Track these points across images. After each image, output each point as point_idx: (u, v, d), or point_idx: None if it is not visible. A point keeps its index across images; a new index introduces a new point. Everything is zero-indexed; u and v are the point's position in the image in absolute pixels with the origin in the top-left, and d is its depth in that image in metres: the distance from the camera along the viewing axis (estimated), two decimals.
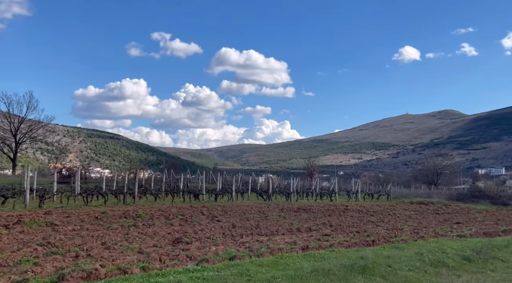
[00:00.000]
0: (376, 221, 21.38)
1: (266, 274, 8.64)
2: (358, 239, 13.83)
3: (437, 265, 11.56)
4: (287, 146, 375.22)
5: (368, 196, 41.07)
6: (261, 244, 12.32)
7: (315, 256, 10.63)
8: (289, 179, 42.93)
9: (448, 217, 26.24)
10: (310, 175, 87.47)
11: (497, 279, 10.71)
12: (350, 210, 27.54)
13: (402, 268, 10.53)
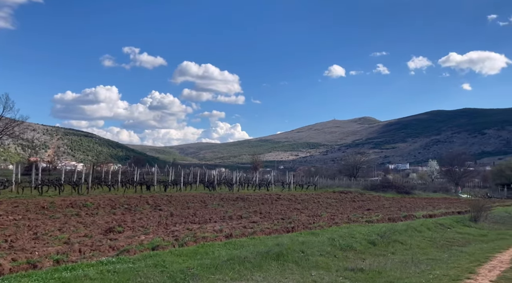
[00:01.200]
0: (301, 208, 20.56)
1: (182, 264, 7.42)
2: (280, 225, 12.81)
3: (346, 249, 10.72)
4: (238, 145, 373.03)
5: (299, 186, 40.53)
6: (190, 232, 11.06)
7: (236, 244, 9.49)
8: (239, 172, 41.80)
9: (361, 204, 25.86)
10: (255, 169, 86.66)
11: (396, 261, 9.99)
12: (281, 198, 26.66)
13: (314, 253, 9.59)
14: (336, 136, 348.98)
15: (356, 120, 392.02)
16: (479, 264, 9.25)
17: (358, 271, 8.44)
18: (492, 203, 31.83)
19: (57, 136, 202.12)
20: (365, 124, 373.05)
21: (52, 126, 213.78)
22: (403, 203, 29.20)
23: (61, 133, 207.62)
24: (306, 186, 40.82)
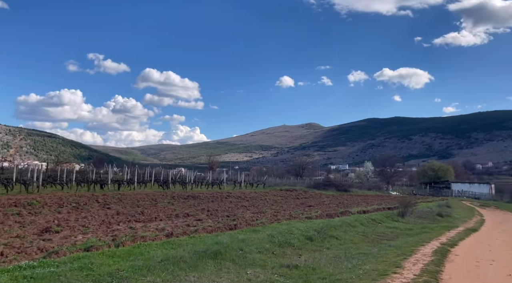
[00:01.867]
0: (248, 206, 19.85)
1: (112, 266, 6.45)
2: (224, 223, 12.02)
3: (284, 246, 10.13)
4: (196, 146, 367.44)
5: (250, 185, 39.90)
6: (132, 231, 10.03)
7: (174, 243, 8.60)
8: (195, 171, 40.52)
9: (304, 201, 25.61)
10: (211, 168, 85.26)
11: (331, 256, 9.52)
12: (231, 196, 25.85)
13: (252, 251, 8.89)
14: (286, 140, 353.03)
15: (303, 126, 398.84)
16: (405, 258, 8.97)
17: (293, 267, 7.85)
18: (417, 200, 32.87)
19: (20, 137, 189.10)
20: (311, 130, 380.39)
21: (15, 127, 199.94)
22: (341, 199, 29.32)
23: (24, 134, 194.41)
24: (256, 184, 40.27)
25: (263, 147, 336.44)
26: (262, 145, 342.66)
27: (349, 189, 44.06)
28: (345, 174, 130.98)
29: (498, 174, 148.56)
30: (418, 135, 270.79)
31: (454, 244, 11.42)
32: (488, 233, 14.83)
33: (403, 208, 18.56)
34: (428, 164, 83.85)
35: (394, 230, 14.83)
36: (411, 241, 11.95)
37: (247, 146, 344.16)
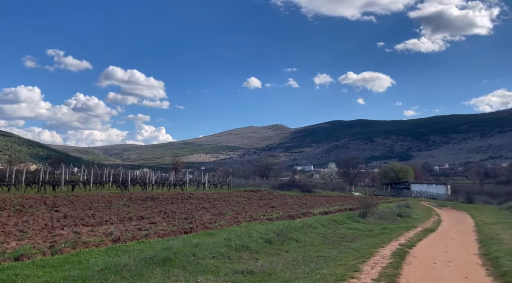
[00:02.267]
0: (208, 207, 19.23)
1: (41, 278, 5.71)
2: (179, 226, 11.39)
3: (241, 250, 9.65)
4: (162, 147, 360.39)
5: (213, 186, 39.20)
6: (76, 236, 9.20)
7: (120, 249, 7.91)
8: (157, 172, 39.22)
9: (267, 202, 25.29)
10: (175, 169, 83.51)
11: (289, 259, 9.15)
12: (193, 197, 25.13)
13: (206, 256, 8.35)
14: (252, 140, 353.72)
15: (270, 127, 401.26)
16: (364, 261, 8.73)
17: (247, 273, 7.38)
18: (378, 200, 33.44)
19: None
20: (277, 131, 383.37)
21: None
22: (305, 200, 29.27)
23: None
24: (220, 185, 39.63)
25: (230, 148, 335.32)
26: (229, 146, 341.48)
27: (313, 190, 44.31)
28: (310, 175, 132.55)
29: (453, 175, 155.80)
30: (381, 137, 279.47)
31: (412, 245, 11.38)
32: (445, 233, 15.05)
33: (364, 208, 18.60)
34: (389, 165, 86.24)
35: (354, 231, 14.74)
36: (371, 242, 11.82)
37: (213, 147, 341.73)
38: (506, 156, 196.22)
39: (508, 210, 27.12)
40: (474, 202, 44.79)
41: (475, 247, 11.26)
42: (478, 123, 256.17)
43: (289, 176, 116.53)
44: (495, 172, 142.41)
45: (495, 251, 9.81)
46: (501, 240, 11.90)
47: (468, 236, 14.16)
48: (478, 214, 26.32)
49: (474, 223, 19.61)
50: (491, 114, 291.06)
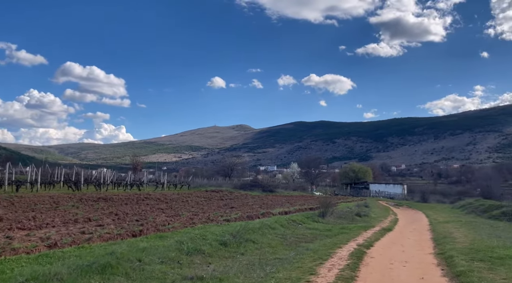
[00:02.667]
0: (165, 208, 18.39)
1: None
2: (128, 229, 10.60)
3: (194, 253, 9.05)
4: (122, 146, 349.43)
5: (173, 186, 38.10)
6: (7, 241, 8.22)
7: (54, 256, 7.08)
8: (121, 173, 37.59)
9: (228, 202, 24.73)
10: (134, 169, 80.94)
11: (244, 263, 8.67)
12: (150, 198, 24.11)
13: (153, 261, 7.69)
14: (216, 141, 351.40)
15: (234, 127, 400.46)
16: (321, 263, 8.42)
17: (197, 280, 6.81)
18: (338, 200, 33.85)
19: None
20: (241, 131, 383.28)
21: None
22: (266, 200, 28.98)
23: None
24: (180, 185, 38.60)
25: (193, 148, 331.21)
26: (192, 146, 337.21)
27: (275, 190, 44.26)
28: (273, 175, 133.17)
29: (409, 175, 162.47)
30: (342, 138, 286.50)
31: (370, 245, 11.27)
32: (401, 233, 15.18)
33: (324, 208, 18.51)
34: (349, 166, 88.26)
35: (313, 231, 14.51)
36: (329, 243, 11.59)
37: (176, 146, 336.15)
38: (457, 157, 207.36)
39: (459, 208, 28.19)
40: (428, 201, 46.53)
41: (430, 246, 11.32)
42: (432, 126, 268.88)
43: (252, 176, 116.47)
44: (447, 173, 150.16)
45: (449, 250, 9.84)
46: (455, 239, 12.07)
47: (423, 235, 14.34)
48: (432, 212, 27.15)
49: (428, 222, 20.08)
50: (443, 117, 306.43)
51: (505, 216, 20.06)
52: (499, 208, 22.26)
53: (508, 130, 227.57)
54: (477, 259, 8.47)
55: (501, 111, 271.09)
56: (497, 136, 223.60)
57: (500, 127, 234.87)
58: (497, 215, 20.84)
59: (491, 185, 56.10)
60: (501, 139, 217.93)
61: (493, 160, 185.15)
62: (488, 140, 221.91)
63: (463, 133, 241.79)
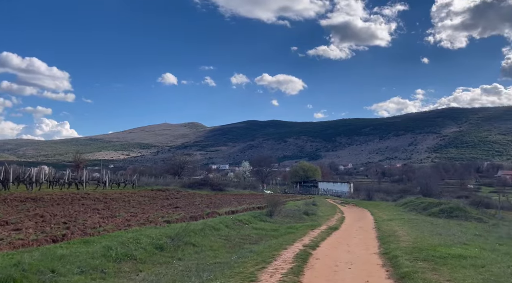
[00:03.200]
0: (101, 209, 16.97)
1: None
2: (48, 233, 9.36)
3: (123, 260, 8.08)
4: (65, 143, 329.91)
5: (116, 185, 36.06)
6: None
7: None
8: (63, 171, 34.74)
9: (173, 202, 23.60)
10: (77, 167, 76.33)
11: (180, 269, 7.86)
12: (87, 198, 22.36)
13: (70, 272, 6.65)
14: (167, 138, 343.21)
15: (185, 125, 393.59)
16: (263, 267, 7.83)
17: None
18: (287, 198, 33.84)
19: None
20: (193, 129, 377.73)
21: None
22: (215, 199, 28.15)
23: None
24: (124, 184, 36.64)
25: (142, 145, 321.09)
26: (141, 143, 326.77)
27: (225, 188, 43.51)
28: (225, 173, 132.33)
29: (356, 174, 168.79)
30: (293, 138, 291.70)
31: (316, 246, 10.91)
32: (348, 231, 15.08)
33: (271, 207, 18.09)
34: (299, 165, 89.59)
35: (260, 231, 13.98)
36: (274, 244, 11.07)
37: (124, 144, 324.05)
38: (400, 157, 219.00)
39: (402, 206, 29.16)
40: (373, 199, 48.15)
41: (376, 245, 11.18)
42: (377, 127, 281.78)
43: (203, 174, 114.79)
44: (390, 172, 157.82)
45: (394, 249, 9.69)
46: (399, 237, 12.07)
47: (368, 234, 14.32)
48: (377, 210, 27.81)
49: (373, 220, 20.37)
50: (388, 119, 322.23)
51: (443, 213, 20.89)
52: (438, 206, 23.20)
53: (445, 132, 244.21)
54: (420, 258, 8.32)
55: (439, 114, 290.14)
56: (435, 138, 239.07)
57: (438, 129, 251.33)
58: (436, 212, 21.66)
59: (430, 184, 59.43)
60: (439, 141, 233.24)
61: (432, 159, 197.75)
62: (428, 141, 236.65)
63: (405, 134, 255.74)
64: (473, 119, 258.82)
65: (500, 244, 10.99)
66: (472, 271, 6.92)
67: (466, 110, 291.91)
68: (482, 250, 9.39)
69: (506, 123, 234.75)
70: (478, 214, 20.49)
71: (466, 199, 43.67)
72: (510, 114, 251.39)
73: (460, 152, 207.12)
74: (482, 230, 14.86)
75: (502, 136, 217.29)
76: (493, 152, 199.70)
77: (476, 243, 10.63)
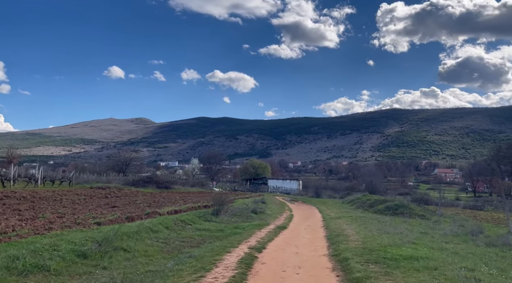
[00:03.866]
0: (24, 209, 15.02)
1: None
2: None
3: (32, 272, 6.72)
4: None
5: (51, 182, 33.15)
6: None
7: None
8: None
9: (111, 201, 21.82)
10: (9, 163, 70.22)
11: (103, 280, 6.72)
12: (12, 196, 19.95)
13: None
14: (113, 134, 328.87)
15: (133, 120, 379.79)
16: (201, 276, 6.88)
17: None
18: (236, 196, 33.02)
19: None
20: (141, 125, 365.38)
21: None
22: (159, 198, 26.64)
23: None
24: (60, 181, 33.79)
25: (85, 141, 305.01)
26: (84, 139, 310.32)
27: (171, 186, 41.76)
28: (174, 170, 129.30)
29: (305, 171, 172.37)
30: (244, 135, 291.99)
31: (263, 248, 10.13)
32: (296, 231, 14.52)
33: (218, 206, 17.16)
34: (249, 162, 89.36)
35: (203, 232, 12.98)
36: (217, 246, 10.13)
37: (65, 139, 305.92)
38: (346, 155, 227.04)
39: (349, 203, 29.47)
40: (321, 196, 48.80)
41: (324, 246, 10.63)
42: (326, 126, 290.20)
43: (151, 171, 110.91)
44: (337, 169, 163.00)
45: (344, 250, 9.16)
46: (347, 237, 11.65)
47: (317, 233, 13.84)
48: (325, 208, 27.82)
49: (322, 218, 20.11)
50: (335, 118, 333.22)
51: (389, 210, 21.17)
52: (384, 203, 23.56)
53: (388, 132, 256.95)
54: (371, 261, 7.81)
55: (383, 114, 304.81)
56: (379, 137, 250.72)
57: (382, 129, 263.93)
58: (382, 209, 21.93)
59: (374, 181, 61.55)
60: (382, 140, 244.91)
61: (376, 158, 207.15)
62: (372, 140, 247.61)
63: (351, 133, 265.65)
64: (413, 120, 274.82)
65: (446, 242, 10.91)
66: (426, 275, 6.47)
67: (407, 111, 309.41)
68: (431, 250, 9.13)
69: (442, 124, 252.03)
70: (421, 211, 20.98)
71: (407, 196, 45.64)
72: (446, 116, 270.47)
73: (401, 151, 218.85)
74: (426, 227, 14.98)
75: (438, 137, 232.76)
76: (431, 151, 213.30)
77: (424, 242, 10.43)
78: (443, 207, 31.27)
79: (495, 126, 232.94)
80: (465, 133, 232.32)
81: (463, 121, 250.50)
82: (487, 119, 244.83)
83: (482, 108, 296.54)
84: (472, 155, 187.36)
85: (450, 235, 12.67)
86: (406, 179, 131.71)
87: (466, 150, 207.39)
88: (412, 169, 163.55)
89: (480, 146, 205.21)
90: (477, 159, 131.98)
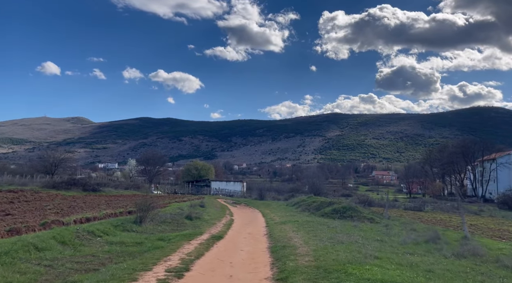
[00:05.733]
0: None
1: None
2: None
3: None
4: None
5: None
6: None
7: None
8: None
9: (10, 207, 17.83)
10: None
11: None
12: None
13: None
14: (46, 133, 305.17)
15: (69, 119, 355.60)
16: None
17: None
18: (171, 199, 29.94)
19: None
20: (78, 124, 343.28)
21: None
22: (79, 202, 22.89)
23: None
24: None
25: (14, 141, 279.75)
26: (13, 138, 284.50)
27: (101, 189, 37.47)
28: (112, 172, 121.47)
29: (250, 173, 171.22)
30: (188, 137, 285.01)
31: (186, 269, 7.55)
32: (234, 241, 12.07)
33: (142, 212, 14.24)
34: (192, 163, 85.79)
35: (114, 247, 10.06)
36: (123, 270, 7.35)
37: None
38: (290, 158, 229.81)
39: (294, 206, 27.70)
40: (265, 198, 46.95)
41: (267, 263, 8.28)
42: (270, 129, 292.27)
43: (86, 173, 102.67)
44: (281, 171, 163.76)
45: (292, 272, 6.86)
46: (295, 249, 9.42)
47: (259, 243, 11.50)
48: (269, 211, 25.77)
49: (265, 223, 17.91)
50: (280, 121, 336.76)
51: (337, 214, 19.56)
52: (330, 205, 21.99)
53: (329, 135, 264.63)
54: None
55: (324, 118, 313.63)
56: (321, 140, 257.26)
57: (324, 132, 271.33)
58: (329, 212, 20.29)
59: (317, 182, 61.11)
60: (324, 143, 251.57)
61: (318, 160, 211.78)
62: (314, 143, 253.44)
63: (295, 136, 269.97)
64: (352, 125, 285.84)
65: (411, 254, 9.07)
66: None
67: (347, 116, 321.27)
68: (401, 267, 7.15)
69: (379, 129, 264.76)
70: (369, 214, 19.61)
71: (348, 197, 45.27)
72: (382, 121, 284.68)
73: (342, 153, 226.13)
74: (380, 234, 13.29)
75: (375, 141, 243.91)
76: (369, 154, 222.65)
77: (387, 255, 8.48)
78: (384, 208, 30.73)
79: (425, 131, 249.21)
80: (400, 137, 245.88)
81: (398, 127, 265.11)
82: (419, 125, 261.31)
83: (415, 115, 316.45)
84: (406, 158, 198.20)
85: (410, 243, 10.97)
86: (346, 180, 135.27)
87: (400, 153, 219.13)
88: (352, 171, 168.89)
89: (413, 150, 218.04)
90: (411, 162, 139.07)
